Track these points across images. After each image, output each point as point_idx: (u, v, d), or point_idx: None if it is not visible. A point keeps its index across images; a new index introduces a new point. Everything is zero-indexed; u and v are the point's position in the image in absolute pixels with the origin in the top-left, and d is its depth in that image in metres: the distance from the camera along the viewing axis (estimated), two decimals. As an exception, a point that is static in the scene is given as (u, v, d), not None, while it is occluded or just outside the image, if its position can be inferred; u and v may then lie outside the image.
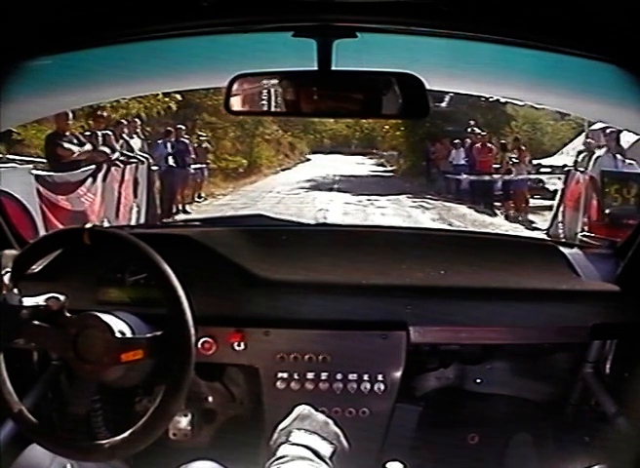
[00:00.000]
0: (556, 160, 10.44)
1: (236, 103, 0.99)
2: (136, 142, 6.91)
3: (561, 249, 1.37)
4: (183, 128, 8.46)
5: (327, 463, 0.77)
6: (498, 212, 8.47)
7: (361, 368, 1.17)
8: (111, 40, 0.94)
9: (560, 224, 6.26)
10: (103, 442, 0.92)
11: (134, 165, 6.36)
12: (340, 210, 8.53)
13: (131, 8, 0.85)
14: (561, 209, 6.39)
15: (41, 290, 0.96)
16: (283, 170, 16.66)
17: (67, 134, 5.37)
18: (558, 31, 0.84)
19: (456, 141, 10.21)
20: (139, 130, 7.37)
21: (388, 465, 0.92)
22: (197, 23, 0.90)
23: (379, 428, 1.18)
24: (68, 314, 0.95)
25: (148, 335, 0.94)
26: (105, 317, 0.94)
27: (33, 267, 1.04)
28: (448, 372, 1.39)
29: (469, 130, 10.24)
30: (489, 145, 9.67)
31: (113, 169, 5.86)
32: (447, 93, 10.33)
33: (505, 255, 1.33)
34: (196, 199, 8.97)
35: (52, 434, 0.96)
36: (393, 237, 1.46)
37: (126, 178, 6.10)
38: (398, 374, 1.18)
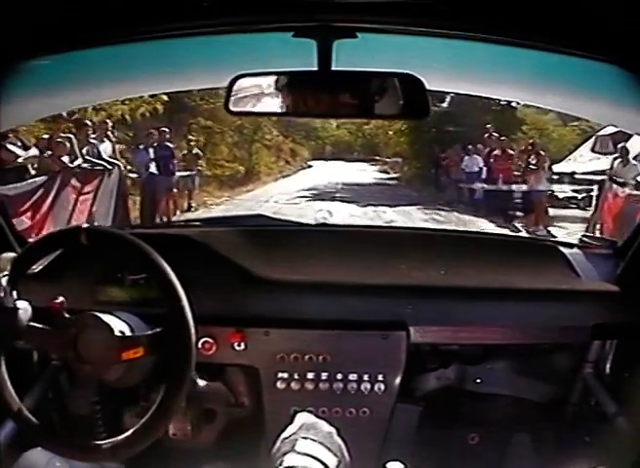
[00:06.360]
0: (563, 167, 9.99)
1: (236, 104, 0.99)
2: (106, 147, 6.16)
3: (561, 249, 1.37)
4: (167, 130, 7.47)
5: None
6: (518, 225, 7.51)
7: (361, 368, 1.17)
8: (111, 40, 0.94)
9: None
10: (104, 442, 0.92)
11: (101, 173, 5.68)
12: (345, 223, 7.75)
13: (131, 8, 0.85)
14: (597, 222, 5.92)
15: (40, 290, 0.96)
16: (283, 176, 15.80)
17: (11, 136, 4.82)
18: (558, 32, 0.84)
19: (469, 147, 9.24)
20: (109, 132, 6.46)
21: (388, 465, 0.92)
22: (197, 23, 0.90)
23: (379, 428, 1.17)
24: (67, 315, 0.95)
25: (148, 333, 0.94)
26: (105, 317, 0.94)
27: (33, 268, 1.04)
28: (448, 372, 1.39)
29: (486, 135, 9.10)
30: (509, 151, 8.58)
31: (73, 179, 5.18)
32: (457, 94, 9.91)
33: (506, 255, 1.33)
34: (185, 210, 8.12)
35: (52, 434, 0.96)
36: (393, 237, 1.46)
37: (87, 190, 5.40)
38: (398, 374, 1.18)
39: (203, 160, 9.96)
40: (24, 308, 0.93)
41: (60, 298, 0.95)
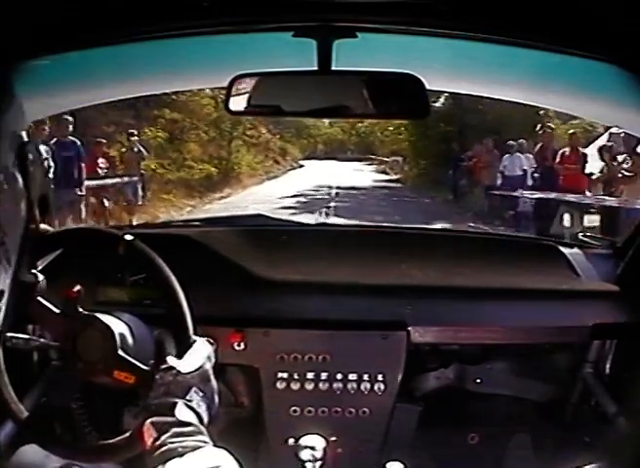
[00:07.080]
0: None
1: (236, 104, 0.99)
2: None
3: (561, 249, 1.37)
4: (70, 119, 4.99)
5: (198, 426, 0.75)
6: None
7: (361, 368, 1.17)
8: (111, 40, 0.94)
9: None
10: (104, 443, 0.92)
11: None
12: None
13: (131, 8, 0.85)
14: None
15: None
16: (269, 178, 13.93)
17: None
18: (558, 31, 0.84)
19: (509, 143, 7.42)
20: None
21: (388, 465, 0.93)
22: (197, 23, 0.90)
23: (379, 428, 1.17)
24: (80, 308, 0.94)
25: (148, 369, 0.92)
26: (107, 320, 0.94)
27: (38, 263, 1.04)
28: (448, 372, 1.39)
29: (537, 128, 7.22)
30: (581, 150, 6.50)
31: None
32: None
33: (505, 255, 1.33)
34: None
35: (52, 434, 0.96)
36: (393, 237, 1.46)
37: None
38: (398, 374, 1.18)
39: (152, 161, 7.93)
40: (42, 282, 0.93)
41: (78, 287, 0.94)
